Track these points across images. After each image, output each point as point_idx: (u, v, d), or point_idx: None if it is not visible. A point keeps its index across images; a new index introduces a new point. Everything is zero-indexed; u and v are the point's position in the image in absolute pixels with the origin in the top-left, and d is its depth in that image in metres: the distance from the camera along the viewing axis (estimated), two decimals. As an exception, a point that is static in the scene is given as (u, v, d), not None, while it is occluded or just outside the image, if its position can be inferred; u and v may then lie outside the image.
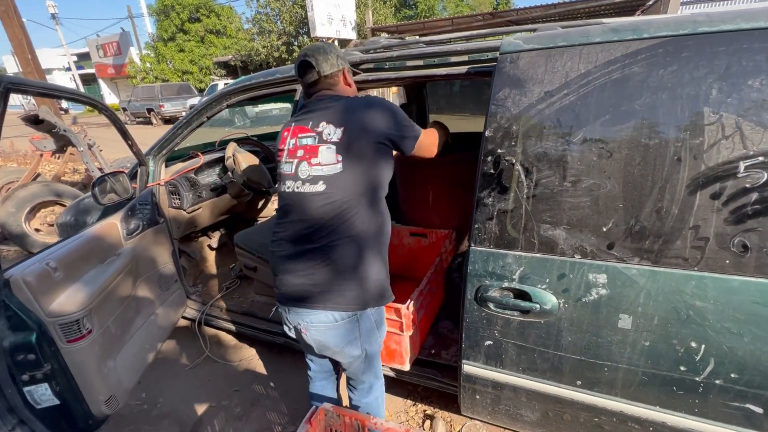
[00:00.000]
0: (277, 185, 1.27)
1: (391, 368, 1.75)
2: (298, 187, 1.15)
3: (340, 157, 1.11)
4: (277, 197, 1.31)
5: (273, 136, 3.63)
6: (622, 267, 1.05)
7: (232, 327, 2.20)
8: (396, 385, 2.04)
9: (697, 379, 1.02)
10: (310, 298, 1.15)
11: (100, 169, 3.91)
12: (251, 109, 12.75)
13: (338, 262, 1.14)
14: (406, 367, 1.65)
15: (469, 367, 1.33)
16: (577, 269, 1.10)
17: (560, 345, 1.17)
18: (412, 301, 1.54)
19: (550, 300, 1.14)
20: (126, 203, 1.81)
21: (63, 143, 4.25)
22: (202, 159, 2.38)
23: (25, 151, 7.07)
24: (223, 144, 2.65)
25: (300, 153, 1.16)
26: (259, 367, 2.26)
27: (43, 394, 1.24)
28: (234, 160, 2.31)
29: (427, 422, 1.88)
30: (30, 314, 1.17)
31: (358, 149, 1.13)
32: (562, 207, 1.09)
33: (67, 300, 1.28)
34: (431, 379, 1.68)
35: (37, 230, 3.76)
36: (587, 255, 1.08)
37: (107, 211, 1.99)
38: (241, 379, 2.16)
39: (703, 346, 1.00)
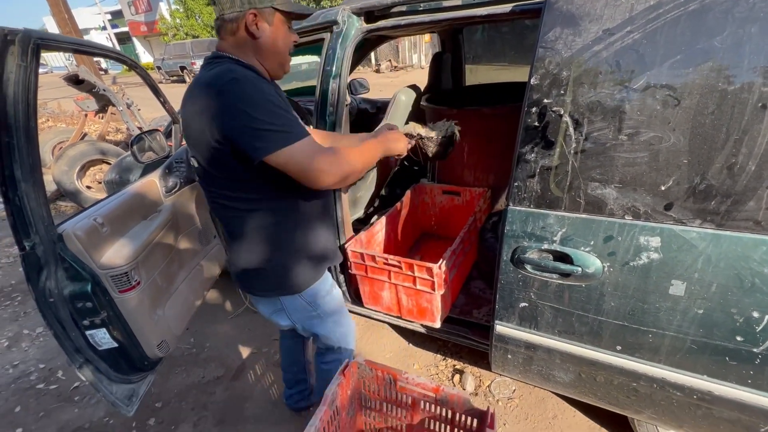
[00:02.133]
0: None
1: (422, 325, 1.77)
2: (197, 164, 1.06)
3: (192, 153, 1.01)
4: None
5: (302, 92, 3.54)
6: (680, 230, 0.95)
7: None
8: (426, 340, 2.09)
9: (755, 350, 0.95)
10: (240, 279, 1.18)
11: (139, 128, 4.03)
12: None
13: (244, 245, 1.09)
14: (437, 325, 1.67)
15: (501, 328, 1.31)
16: (626, 231, 1.01)
17: (601, 309, 1.11)
18: (444, 261, 1.51)
19: (594, 263, 1.07)
20: (163, 161, 1.85)
21: (104, 103, 4.38)
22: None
23: (71, 111, 7.40)
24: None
25: None
26: (295, 318, 2.37)
27: (102, 338, 1.35)
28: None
29: (456, 376, 1.92)
30: (84, 266, 1.25)
31: (199, 149, 0.96)
32: (615, 163, 0.99)
33: (115, 254, 1.35)
34: (462, 337, 1.69)
35: (88, 187, 4.00)
36: (640, 216, 0.99)
37: (147, 169, 2.05)
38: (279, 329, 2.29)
39: (767, 317, 0.91)
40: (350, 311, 2.14)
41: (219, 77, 0.87)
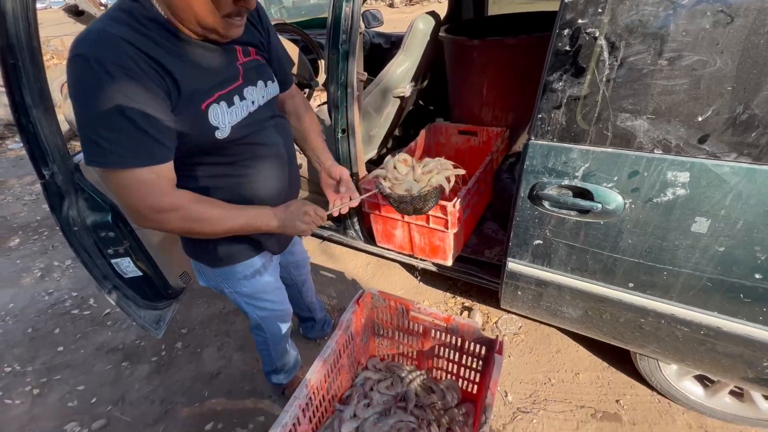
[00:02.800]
0: None
1: (433, 263, 1.80)
2: None
3: None
4: (319, 93, 1.22)
5: (313, 24, 3.33)
6: (712, 164, 0.91)
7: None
8: (437, 278, 2.15)
9: (772, 287, 0.94)
10: None
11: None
12: (287, -3, 11.66)
13: None
14: (449, 263, 1.69)
15: (514, 265, 1.32)
16: (654, 166, 0.97)
17: (617, 247, 1.10)
18: (459, 199, 1.49)
19: (615, 200, 1.04)
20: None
21: (107, 37, 4.20)
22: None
23: (75, 48, 7.16)
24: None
25: None
26: (314, 251, 2.44)
27: (127, 266, 1.42)
28: (273, 48, 2.16)
29: (465, 313, 1.99)
30: (102, 196, 1.27)
31: None
32: (651, 92, 0.91)
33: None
34: (472, 275, 1.72)
35: (100, 127, 3.98)
36: (670, 149, 0.94)
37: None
38: (294, 266, 2.37)
39: (791, 254, 0.89)
40: (363, 250, 2.20)
41: (76, 43, 0.68)
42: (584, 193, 1.08)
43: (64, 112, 3.82)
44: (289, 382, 1.54)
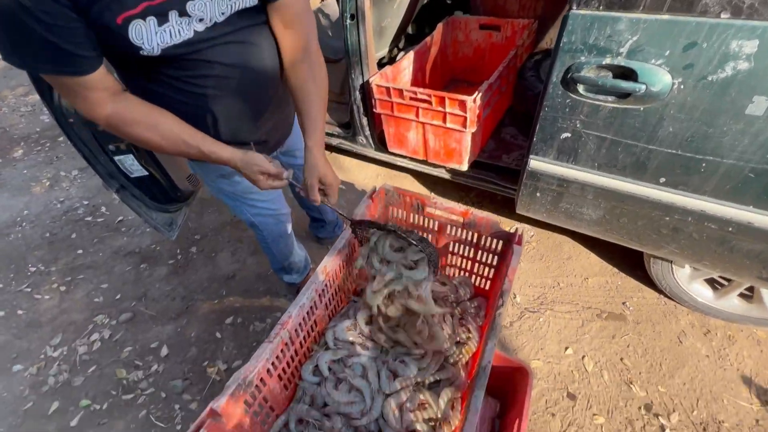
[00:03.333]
0: None
1: (447, 169, 1.73)
2: None
3: None
4: None
5: None
6: (790, 28, 0.77)
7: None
8: (449, 188, 2.10)
9: (825, 174, 0.86)
10: None
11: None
12: None
13: None
14: (464, 167, 1.62)
15: (536, 163, 1.25)
16: (717, 35, 0.83)
17: (655, 137, 1.01)
18: (480, 94, 1.37)
19: (662, 80, 0.92)
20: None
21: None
22: None
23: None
24: None
25: None
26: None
27: (131, 165, 1.37)
28: None
29: (477, 222, 1.97)
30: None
31: None
32: (732, -67, 0.75)
33: (125, 74, 1.26)
34: (488, 182, 1.66)
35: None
36: (741, 12, 0.80)
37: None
38: (302, 177, 2.32)
39: None
40: (373, 160, 2.12)
41: None
42: (627, 74, 0.96)
43: None
44: (302, 281, 1.57)
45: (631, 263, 1.69)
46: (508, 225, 1.93)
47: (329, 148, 2.37)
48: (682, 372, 1.38)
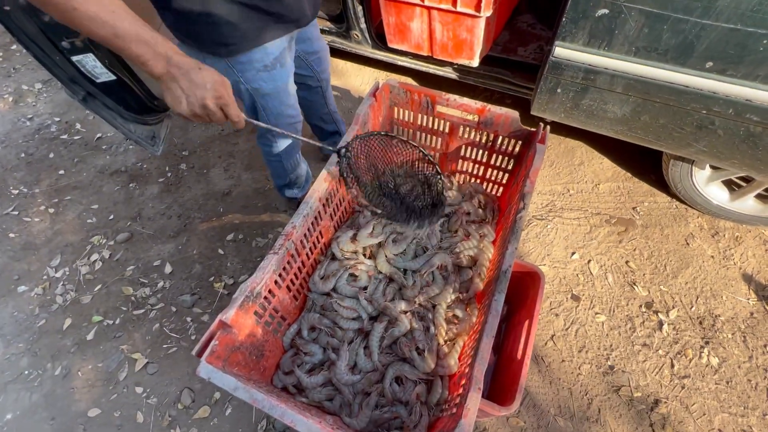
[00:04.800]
0: None
1: (455, 67, 1.54)
2: None
3: None
4: None
5: None
6: None
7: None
8: (454, 91, 1.91)
9: None
10: None
11: None
12: None
13: None
14: (475, 63, 1.44)
15: (563, 50, 1.08)
16: None
17: (712, 6, 0.84)
18: (500, -34, 1.13)
19: (741, -75, 0.73)
20: None
21: None
22: None
23: None
24: None
25: None
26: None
27: (94, 67, 1.18)
28: None
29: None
30: (24, -43, 0.94)
31: None
32: None
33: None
34: (500, 80, 1.49)
35: None
36: None
37: None
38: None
39: None
40: (370, 59, 1.89)
41: None
42: None
43: None
44: (304, 195, 1.50)
45: (646, 167, 1.62)
46: (517, 131, 1.80)
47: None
48: (686, 272, 1.39)
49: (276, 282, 0.78)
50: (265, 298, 0.76)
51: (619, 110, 1.17)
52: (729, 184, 1.43)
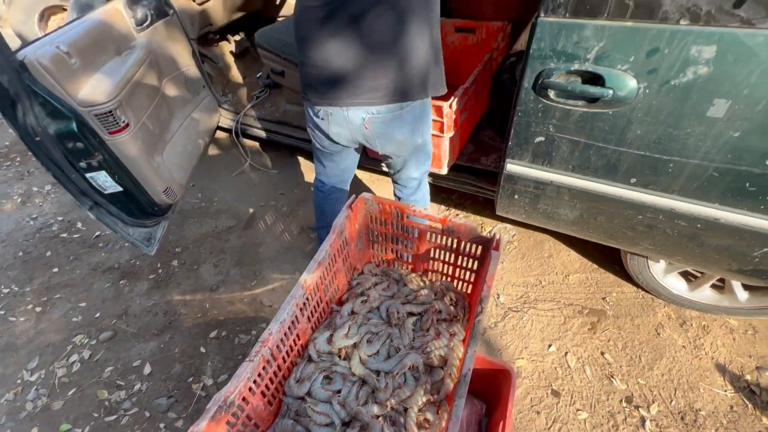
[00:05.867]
0: None
1: (429, 174, 1.74)
2: None
3: None
4: None
5: None
6: (744, 33, 0.80)
7: (268, 136, 2.20)
8: (432, 191, 2.09)
9: (783, 173, 0.90)
10: (378, 91, 1.05)
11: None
12: None
13: (400, 52, 1.00)
14: (444, 171, 1.63)
15: (512, 167, 1.27)
16: (677, 41, 0.86)
17: (624, 140, 1.04)
18: (456, 99, 1.38)
19: (628, 85, 0.94)
20: (125, -13, 1.55)
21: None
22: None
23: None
24: None
25: None
26: (300, 173, 2.36)
27: (105, 181, 1.34)
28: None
29: (459, 223, 2.00)
30: (61, 101, 1.14)
31: None
32: (687, -56, 0.77)
33: (93, 90, 1.22)
34: (467, 184, 1.68)
35: (56, 41, 3.57)
36: (699, 19, 0.82)
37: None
38: (285, 184, 2.30)
39: (812, 134, 0.83)
40: (361, 165, 2.11)
41: None
42: (595, 80, 0.98)
43: (11, 24, 3.40)
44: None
45: (609, 259, 1.74)
46: (490, 224, 1.96)
47: (305, 153, 2.36)
48: (661, 363, 1.42)
49: (250, 389, 0.82)
50: (239, 406, 0.79)
51: (570, 214, 1.32)
52: (686, 275, 1.54)
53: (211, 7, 2.07)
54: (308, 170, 2.37)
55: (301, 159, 2.44)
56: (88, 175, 1.30)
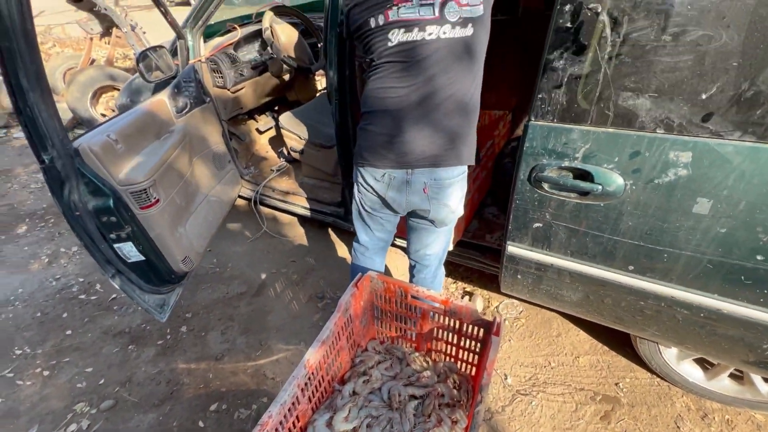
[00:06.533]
0: (379, 36, 1.07)
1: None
2: (445, 33, 1.01)
3: None
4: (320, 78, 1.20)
5: (315, 7, 3.27)
6: (716, 143, 0.89)
7: (284, 207, 2.33)
8: (438, 264, 2.15)
9: (774, 269, 0.93)
10: (443, 154, 1.12)
11: (146, 51, 3.87)
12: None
13: (466, 116, 1.11)
14: (450, 248, 1.69)
15: (513, 249, 1.32)
16: (656, 146, 0.95)
17: (618, 230, 1.09)
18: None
19: (616, 181, 1.02)
20: (171, 80, 1.79)
21: (107, 25, 4.18)
22: (240, 32, 2.23)
23: (77, 37, 7.14)
24: (261, 15, 2.44)
25: None
26: (312, 242, 2.45)
27: (130, 251, 1.43)
28: (272, 31, 2.14)
29: (466, 298, 2.00)
30: (104, 182, 1.28)
31: None
32: (653, 69, 0.89)
33: (132, 170, 1.37)
34: (473, 260, 1.73)
35: (103, 115, 3.99)
36: (673, 129, 0.92)
37: (156, 90, 2.00)
38: (296, 252, 2.38)
39: (794, 234, 0.87)
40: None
41: None
42: (584, 175, 1.07)
43: (67, 100, 3.83)
44: None
45: (621, 341, 1.69)
46: (497, 299, 1.96)
47: (326, 225, 2.47)
48: (683, 463, 1.32)
49: (246, 476, 0.81)
50: (233, 495, 0.78)
51: (574, 296, 1.34)
52: (702, 362, 1.49)
53: (243, 93, 2.33)
54: (320, 240, 2.46)
55: (312, 229, 2.55)
56: (116, 245, 1.40)
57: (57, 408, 1.58)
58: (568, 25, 0.95)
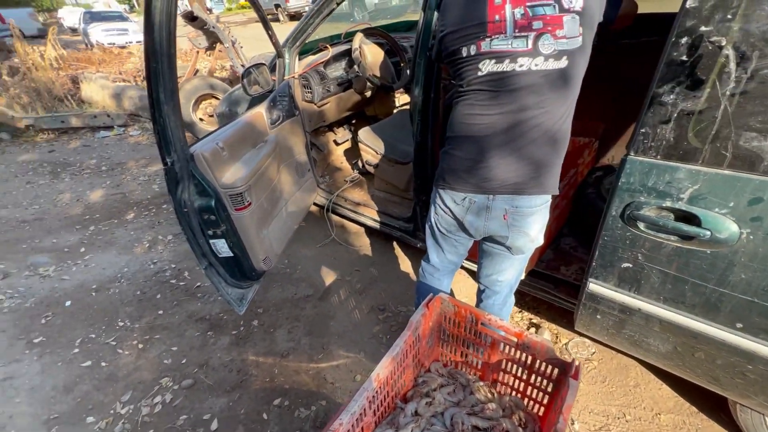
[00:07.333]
0: (470, 66, 1.08)
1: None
2: (537, 65, 0.99)
3: (581, 29, 0.97)
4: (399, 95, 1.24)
5: (398, 28, 3.40)
6: None
7: (354, 216, 2.43)
8: (504, 290, 2.08)
9: None
10: (526, 183, 1.10)
11: (243, 65, 4.29)
12: (370, 1, 12.10)
13: (553, 146, 1.08)
14: (522, 276, 1.63)
15: (596, 287, 1.24)
16: (784, 194, 0.85)
17: (726, 281, 0.98)
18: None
19: (729, 228, 0.93)
20: (268, 95, 1.97)
21: (213, 40, 4.71)
22: (331, 51, 2.39)
23: (185, 49, 8.12)
24: (350, 35, 2.60)
25: (538, 24, 0.98)
26: (377, 253, 2.51)
27: (222, 247, 1.59)
28: (360, 51, 2.26)
29: (532, 329, 1.91)
30: (209, 183, 1.44)
31: (592, 19, 0.98)
32: (788, 109, 0.80)
33: (232, 175, 1.53)
34: (545, 292, 1.65)
35: (201, 119, 4.48)
36: (808, 177, 0.82)
37: (253, 102, 2.21)
38: (361, 261, 2.46)
39: None
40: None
41: None
42: (689, 218, 0.98)
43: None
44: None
45: (713, 404, 1.50)
46: (566, 336, 1.84)
47: (392, 238, 2.52)
48: None
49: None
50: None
51: (662, 346, 1.22)
52: (822, 446, 1.26)
53: (327, 108, 2.49)
54: (385, 251, 2.52)
55: (378, 240, 2.61)
56: (211, 240, 1.56)
57: (147, 379, 1.79)
58: (684, 58, 0.89)
